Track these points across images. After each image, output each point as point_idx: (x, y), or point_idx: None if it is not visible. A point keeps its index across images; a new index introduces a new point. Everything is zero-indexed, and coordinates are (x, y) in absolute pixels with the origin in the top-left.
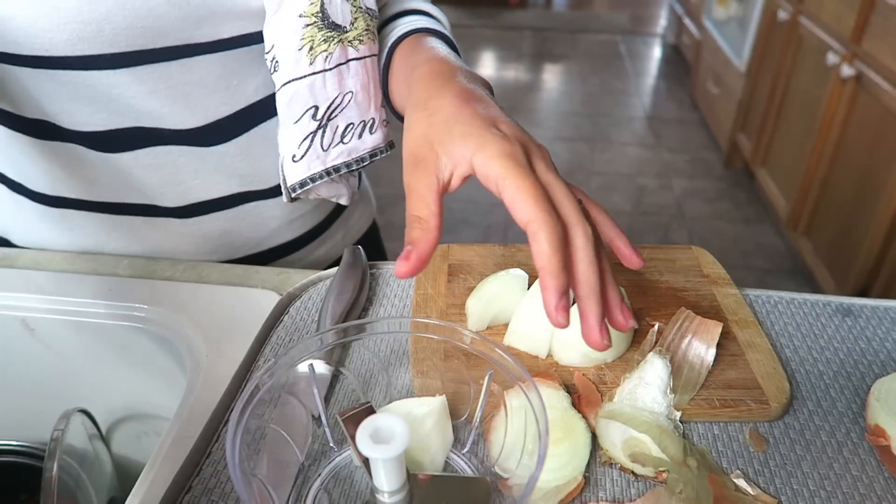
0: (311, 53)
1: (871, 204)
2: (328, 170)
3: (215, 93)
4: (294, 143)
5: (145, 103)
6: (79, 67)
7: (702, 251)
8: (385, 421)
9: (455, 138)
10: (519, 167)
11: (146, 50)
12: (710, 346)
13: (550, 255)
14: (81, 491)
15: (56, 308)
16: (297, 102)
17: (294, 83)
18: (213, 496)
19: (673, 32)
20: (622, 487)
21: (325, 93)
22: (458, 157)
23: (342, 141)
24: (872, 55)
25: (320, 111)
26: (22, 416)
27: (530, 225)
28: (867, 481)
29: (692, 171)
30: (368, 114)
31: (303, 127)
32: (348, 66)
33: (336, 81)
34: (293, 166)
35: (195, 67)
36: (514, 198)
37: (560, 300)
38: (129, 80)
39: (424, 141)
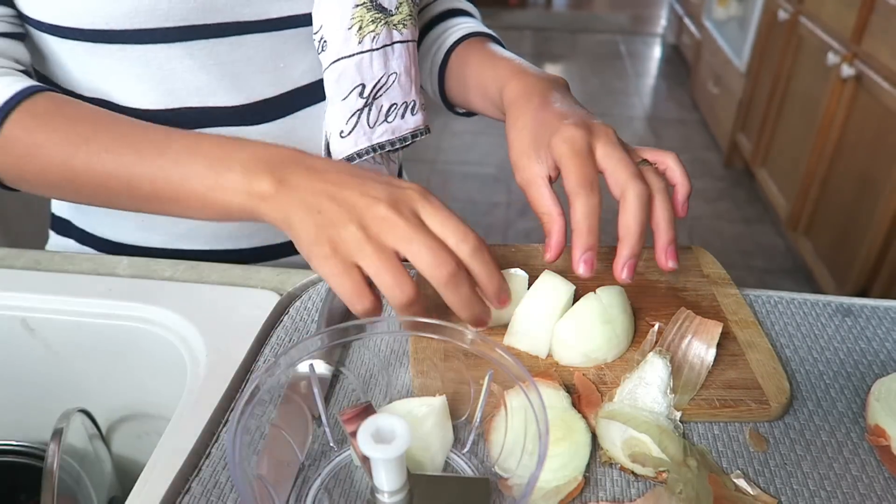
0: (360, 33)
1: (871, 204)
2: (374, 146)
3: (262, 73)
4: (342, 119)
5: (195, 78)
6: (135, 41)
7: (702, 251)
8: (386, 421)
9: (539, 137)
10: (573, 150)
11: (198, 25)
12: (710, 346)
13: (580, 220)
14: (81, 491)
15: (56, 308)
16: (346, 79)
17: (343, 61)
18: (212, 496)
19: (673, 32)
20: (622, 487)
21: (372, 72)
22: (544, 151)
23: (386, 119)
24: (872, 55)
25: (367, 89)
26: (22, 416)
27: (570, 196)
28: (867, 481)
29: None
30: (410, 95)
31: (350, 104)
32: (393, 47)
33: (382, 62)
34: (340, 142)
35: (243, 46)
36: (564, 174)
37: (583, 253)
38: (181, 55)
39: (521, 150)
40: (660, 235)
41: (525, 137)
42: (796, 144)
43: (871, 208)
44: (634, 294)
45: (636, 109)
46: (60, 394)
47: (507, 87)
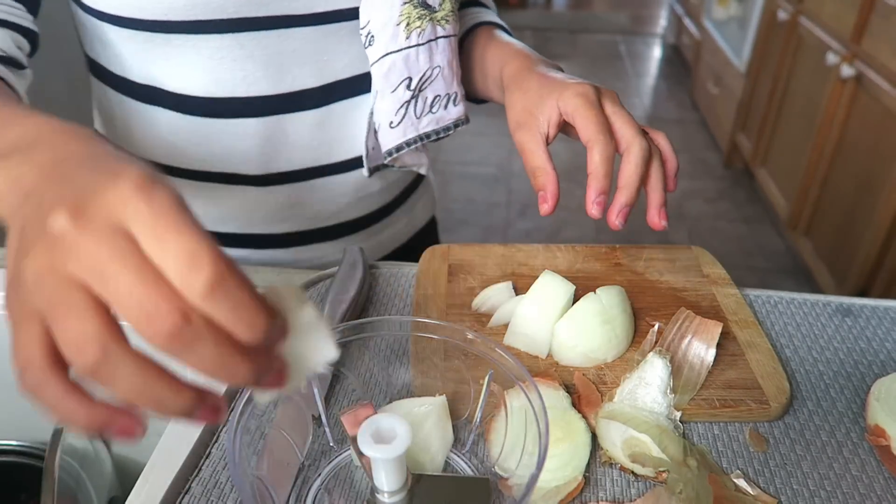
0: (408, 29)
1: (871, 204)
2: (420, 136)
3: (305, 64)
4: (391, 111)
5: (242, 67)
6: (190, 31)
7: (702, 251)
8: (386, 421)
9: (543, 97)
10: (588, 102)
11: (249, 18)
12: (710, 346)
13: (598, 164)
14: (81, 491)
15: None
16: (394, 73)
17: (391, 55)
18: (212, 496)
19: (673, 32)
20: (622, 487)
21: (418, 65)
22: (548, 109)
23: (431, 111)
24: (872, 55)
25: (413, 82)
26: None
27: (588, 142)
28: (867, 481)
29: (692, 171)
30: (452, 87)
31: (398, 96)
32: (437, 42)
33: (427, 56)
34: (389, 132)
35: (290, 38)
36: (581, 124)
37: (598, 196)
38: (232, 45)
39: (523, 110)
40: (655, 196)
41: (528, 99)
42: (796, 144)
43: (871, 208)
44: (634, 294)
45: (636, 109)
46: None
47: (507, 65)
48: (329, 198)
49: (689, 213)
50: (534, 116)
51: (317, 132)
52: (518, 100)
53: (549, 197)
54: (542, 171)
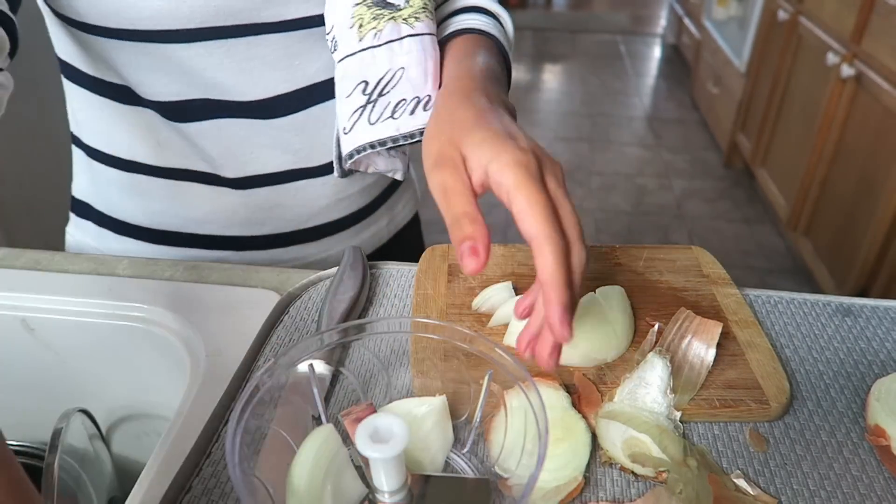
0: (361, 31)
1: (870, 204)
2: (373, 143)
3: (277, 70)
4: (345, 116)
5: (213, 75)
6: (158, 40)
7: (702, 251)
8: (384, 420)
9: (476, 143)
10: (531, 180)
11: (217, 27)
12: (710, 346)
13: (556, 270)
14: (81, 491)
15: (56, 308)
16: (349, 78)
17: (347, 59)
18: (213, 496)
19: (673, 32)
20: (622, 487)
21: (375, 68)
22: (475, 163)
23: (392, 116)
24: (872, 55)
25: (370, 86)
26: (22, 416)
27: (537, 239)
28: (867, 481)
29: (692, 171)
30: (424, 90)
31: (353, 101)
32: (401, 42)
33: (387, 57)
34: (344, 138)
35: (260, 45)
36: (523, 209)
37: (565, 313)
38: (201, 53)
39: (449, 143)
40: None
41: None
42: (796, 144)
43: (871, 208)
44: (634, 294)
45: (636, 109)
46: (60, 394)
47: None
48: (308, 200)
49: (689, 213)
50: (461, 158)
51: (294, 137)
52: (444, 128)
53: (482, 249)
54: (470, 217)
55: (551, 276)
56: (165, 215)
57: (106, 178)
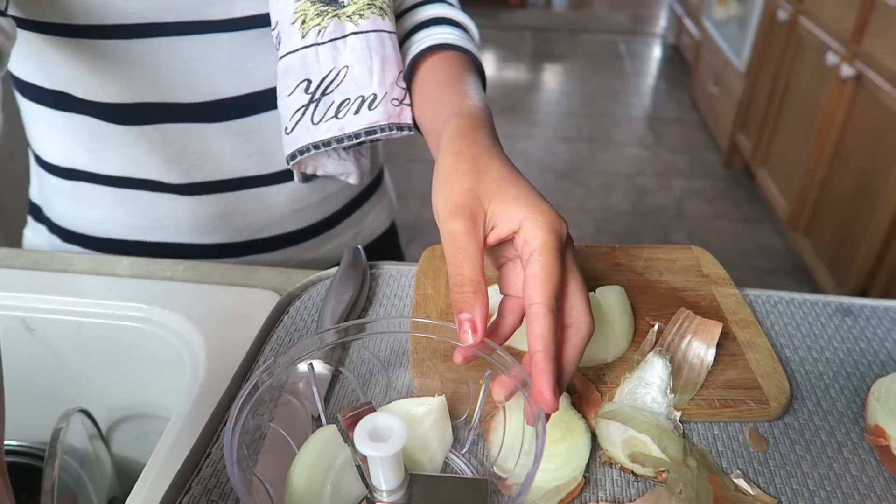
0: (304, 27)
1: (870, 204)
2: (316, 143)
3: (227, 72)
4: (287, 116)
5: (154, 74)
6: (93, 36)
7: (702, 251)
8: (383, 419)
9: (508, 198)
10: (557, 249)
11: (159, 23)
12: (710, 346)
13: (550, 342)
14: (81, 491)
15: (56, 308)
16: (290, 75)
17: (288, 56)
18: (212, 496)
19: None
20: (622, 487)
21: (318, 66)
22: (504, 217)
23: (336, 116)
24: (872, 55)
25: (313, 85)
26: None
27: (539, 307)
28: (867, 481)
29: (692, 171)
30: (369, 89)
31: (295, 100)
32: (345, 40)
33: (330, 55)
34: (286, 138)
35: (207, 44)
36: (537, 274)
37: (554, 385)
38: (142, 51)
39: (473, 195)
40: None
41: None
42: (796, 144)
43: (871, 208)
44: (634, 294)
45: (636, 109)
46: (60, 394)
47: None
48: (261, 210)
49: (689, 213)
50: (483, 213)
51: (244, 142)
52: (468, 175)
53: (478, 324)
54: (473, 284)
55: (546, 348)
56: (109, 223)
57: (50, 184)
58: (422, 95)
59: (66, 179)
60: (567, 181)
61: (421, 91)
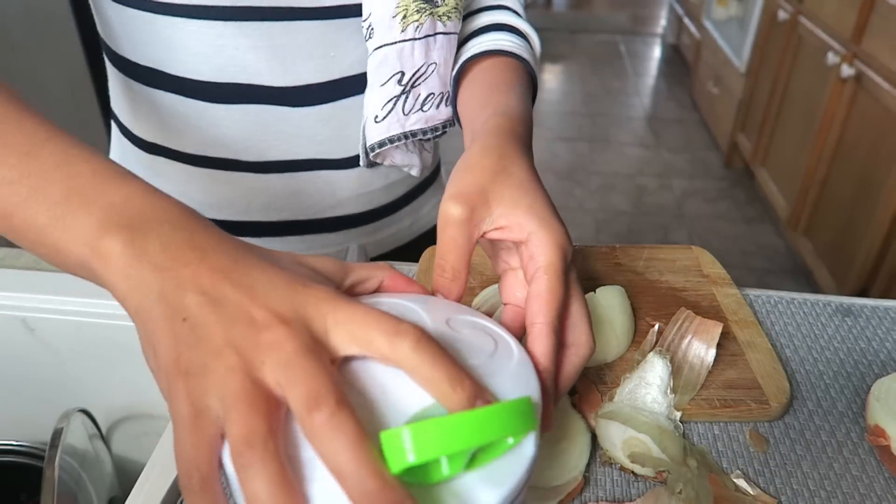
0: (404, 21)
1: (870, 204)
2: (406, 133)
3: (311, 59)
4: (378, 105)
5: (244, 56)
6: (191, 16)
7: (702, 251)
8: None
9: (521, 207)
10: (563, 270)
11: (253, 7)
12: (710, 346)
13: (550, 362)
14: (81, 491)
15: (56, 308)
16: (386, 66)
17: (385, 48)
18: None
19: (673, 32)
20: (622, 487)
21: (412, 60)
22: (514, 224)
23: (422, 108)
24: (872, 55)
25: (406, 77)
26: (22, 416)
27: (542, 326)
28: (867, 481)
29: (692, 171)
30: (448, 86)
31: (388, 90)
32: (436, 38)
33: (423, 51)
34: (374, 127)
35: (295, 31)
36: (541, 294)
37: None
38: (235, 33)
39: (481, 190)
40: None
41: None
42: (796, 144)
43: (871, 208)
44: (634, 294)
45: (636, 109)
46: (60, 394)
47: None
48: (328, 191)
49: (689, 213)
50: (487, 211)
51: (321, 127)
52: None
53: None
54: (453, 272)
55: (546, 368)
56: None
57: (130, 154)
58: (469, 93)
59: (147, 153)
60: (567, 181)
61: (469, 89)
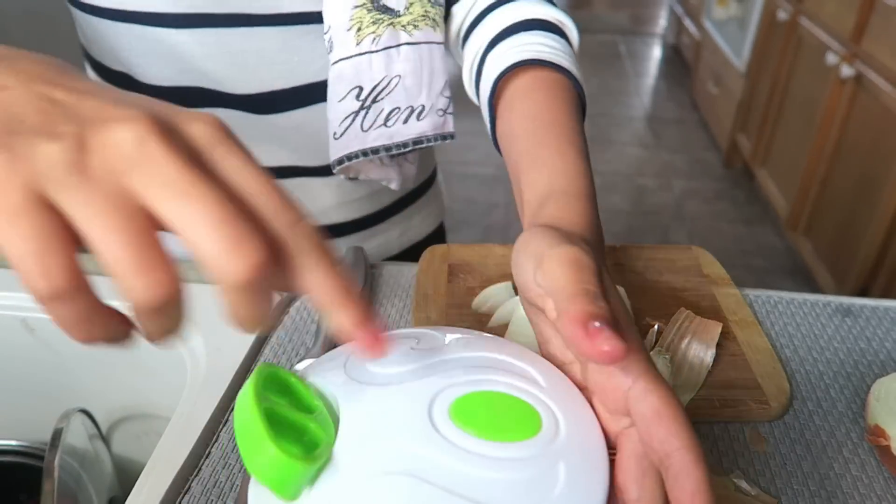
0: (359, 35)
1: (870, 204)
2: (366, 150)
3: (274, 65)
4: (336, 121)
5: (204, 64)
6: (147, 23)
7: (702, 251)
8: None
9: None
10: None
11: (206, 14)
12: (709, 347)
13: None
14: (81, 491)
15: None
16: (343, 81)
17: (342, 62)
18: (212, 496)
19: (673, 32)
20: None
21: (371, 73)
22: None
23: (385, 124)
24: (872, 55)
25: (364, 92)
26: (22, 416)
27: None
28: (867, 481)
29: (692, 171)
30: (418, 100)
31: (346, 105)
32: (398, 49)
33: (383, 64)
34: (334, 143)
35: (254, 37)
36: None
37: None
38: (191, 41)
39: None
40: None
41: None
42: (796, 144)
43: (871, 208)
44: (634, 294)
45: (636, 109)
46: (60, 394)
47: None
48: (307, 200)
49: (689, 213)
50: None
51: (293, 134)
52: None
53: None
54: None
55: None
56: None
57: None
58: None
59: None
60: None
61: (510, 126)
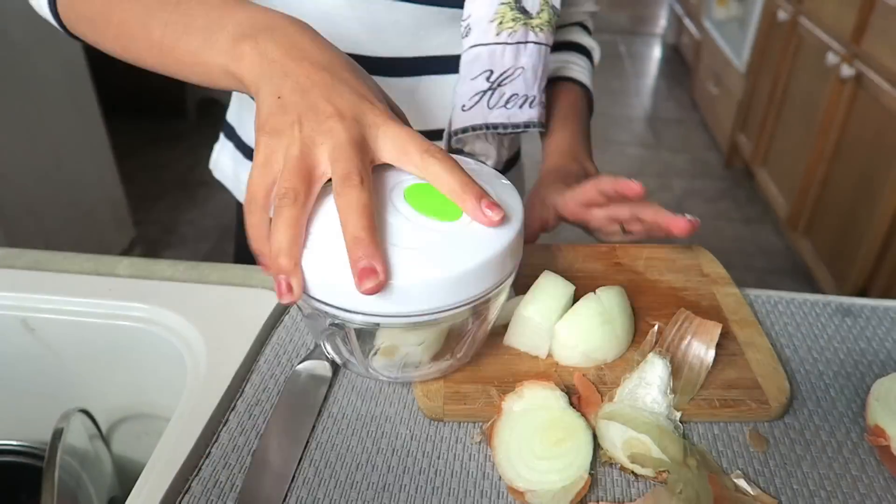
0: (500, 27)
1: (871, 204)
2: (488, 125)
3: (405, 37)
4: (466, 95)
5: (348, 26)
6: None
7: (702, 251)
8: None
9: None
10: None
11: None
12: (709, 347)
13: None
14: (81, 491)
15: (56, 308)
16: (478, 63)
17: (479, 47)
18: (212, 496)
19: (673, 32)
20: (622, 488)
21: (502, 62)
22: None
23: (505, 105)
24: (872, 55)
25: (494, 75)
26: (22, 416)
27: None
28: (867, 481)
29: (692, 171)
30: (532, 91)
31: (477, 84)
32: (526, 46)
33: (513, 55)
34: (461, 114)
35: (395, 10)
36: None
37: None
38: (344, 5)
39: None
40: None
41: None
42: (796, 144)
43: (871, 208)
44: (634, 294)
45: (636, 109)
46: (60, 394)
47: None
48: None
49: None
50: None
51: (407, 97)
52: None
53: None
54: None
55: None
56: None
57: (249, 107)
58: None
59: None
60: None
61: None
